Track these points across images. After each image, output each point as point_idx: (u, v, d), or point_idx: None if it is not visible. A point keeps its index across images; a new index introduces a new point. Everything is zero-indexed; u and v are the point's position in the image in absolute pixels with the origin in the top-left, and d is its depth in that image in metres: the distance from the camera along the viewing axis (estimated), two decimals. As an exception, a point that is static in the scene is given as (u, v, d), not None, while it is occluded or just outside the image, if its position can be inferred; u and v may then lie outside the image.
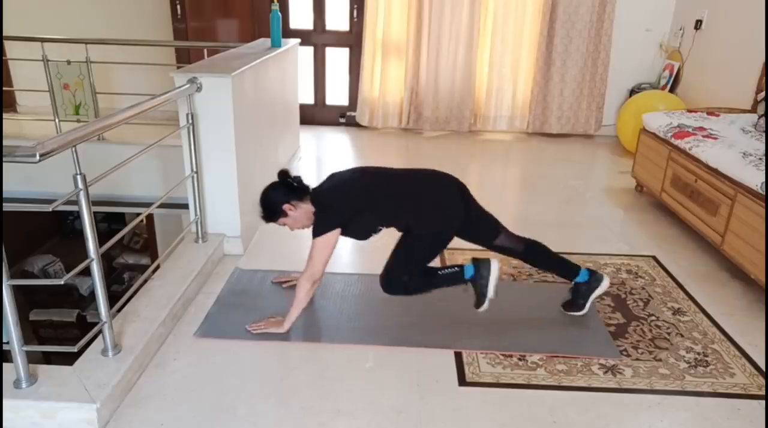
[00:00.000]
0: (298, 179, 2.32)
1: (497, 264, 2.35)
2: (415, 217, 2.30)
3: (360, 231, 2.36)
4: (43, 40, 4.24)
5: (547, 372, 2.17)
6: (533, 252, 2.51)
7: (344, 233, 2.29)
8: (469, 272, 2.35)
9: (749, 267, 2.72)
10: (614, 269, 2.97)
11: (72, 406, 1.79)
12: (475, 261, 2.36)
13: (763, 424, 1.94)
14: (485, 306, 2.37)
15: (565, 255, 2.57)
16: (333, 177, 2.39)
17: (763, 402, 2.05)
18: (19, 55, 4.82)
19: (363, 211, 2.28)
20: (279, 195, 2.28)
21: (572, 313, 2.50)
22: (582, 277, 2.47)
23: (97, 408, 1.79)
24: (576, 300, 2.50)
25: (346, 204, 2.28)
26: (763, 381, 2.16)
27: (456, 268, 2.37)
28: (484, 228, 2.46)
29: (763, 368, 2.24)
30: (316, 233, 2.23)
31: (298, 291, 2.29)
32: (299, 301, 2.30)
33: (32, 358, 1.86)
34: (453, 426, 1.90)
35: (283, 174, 2.30)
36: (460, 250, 2.90)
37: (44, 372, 1.89)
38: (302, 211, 2.27)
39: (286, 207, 2.27)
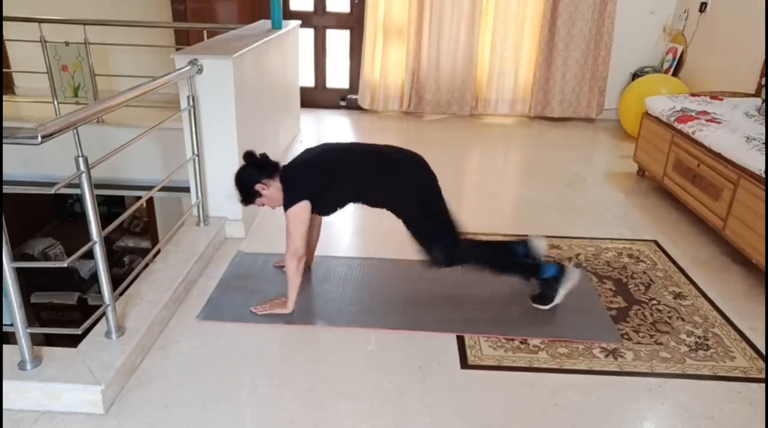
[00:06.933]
0: (265, 157, 2.31)
1: (578, 274, 2.40)
2: (387, 191, 2.29)
3: (328, 205, 2.35)
4: (40, 21, 4.19)
5: (548, 356, 2.18)
6: (491, 252, 2.45)
7: (315, 208, 2.28)
8: (549, 271, 2.38)
9: (750, 251, 2.72)
10: (615, 253, 2.98)
11: (77, 388, 1.80)
12: (559, 264, 2.42)
13: (762, 407, 1.96)
14: (546, 306, 2.41)
15: (567, 240, 2.57)
16: (306, 151, 2.39)
17: (763, 385, 2.06)
18: (16, 35, 4.75)
19: (329, 183, 2.27)
20: (249, 175, 2.28)
21: (539, 306, 2.43)
22: (550, 272, 2.39)
23: (102, 389, 1.80)
24: (545, 292, 2.41)
25: (311, 176, 2.28)
26: (763, 364, 2.18)
27: (532, 261, 2.40)
28: (455, 223, 2.35)
29: (763, 351, 2.25)
30: (286, 206, 2.24)
31: (287, 272, 2.31)
32: (291, 281, 2.31)
33: (34, 340, 1.86)
34: (455, 409, 1.91)
35: (249, 155, 2.30)
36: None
37: (48, 354, 1.90)
38: (275, 188, 2.28)
39: (258, 186, 2.27)
